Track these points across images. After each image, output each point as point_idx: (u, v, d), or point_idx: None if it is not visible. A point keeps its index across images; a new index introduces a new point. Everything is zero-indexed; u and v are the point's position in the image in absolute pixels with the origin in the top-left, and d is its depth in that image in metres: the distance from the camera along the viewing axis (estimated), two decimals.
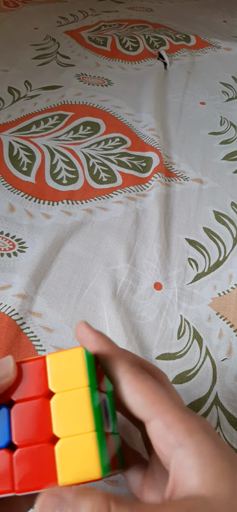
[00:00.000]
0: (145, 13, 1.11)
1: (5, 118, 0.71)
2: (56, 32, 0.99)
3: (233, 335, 0.45)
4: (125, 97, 0.79)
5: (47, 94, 0.77)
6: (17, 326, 0.43)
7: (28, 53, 0.90)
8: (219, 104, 0.79)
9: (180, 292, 0.48)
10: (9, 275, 0.48)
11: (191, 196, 0.60)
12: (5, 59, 0.87)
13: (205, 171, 0.64)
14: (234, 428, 0.39)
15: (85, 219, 0.55)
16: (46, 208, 0.56)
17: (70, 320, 0.45)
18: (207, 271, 0.51)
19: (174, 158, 0.67)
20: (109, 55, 0.92)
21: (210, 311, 0.47)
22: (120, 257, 0.51)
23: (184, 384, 0.41)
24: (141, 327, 0.45)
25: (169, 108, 0.78)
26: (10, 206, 0.56)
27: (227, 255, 0.52)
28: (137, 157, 0.66)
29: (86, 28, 1.01)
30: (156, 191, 0.59)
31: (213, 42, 0.98)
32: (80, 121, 0.71)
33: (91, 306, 0.46)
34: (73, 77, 0.83)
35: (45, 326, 0.44)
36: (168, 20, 1.08)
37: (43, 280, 0.48)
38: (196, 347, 0.44)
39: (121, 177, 0.62)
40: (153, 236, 0.53)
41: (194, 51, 0.95)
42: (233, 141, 0.71)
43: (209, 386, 0.41)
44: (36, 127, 0.69)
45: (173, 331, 0.45)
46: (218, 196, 0.60)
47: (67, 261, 0.50)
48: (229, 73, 0.89)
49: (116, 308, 0.45)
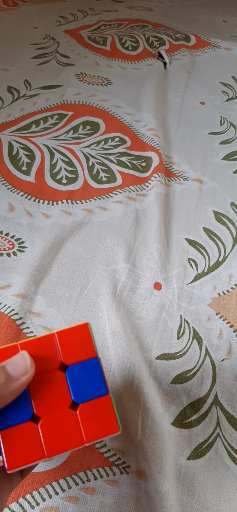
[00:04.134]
0: (144, 13, 1.11)
1: (5, 117, 0.71)
2: (56, 31, 0.98)
3: (233, 335, 0.45)
4: (125, 96, 0.79)
5: (47, 93, 0.77)
6: (17, 326, 0.43)
7: (27, 52, 0.90)
8: (219, 104, 0.79)
9: (180, 292, 0.48)
10: (8, 275, 0.48)
11: (190, 196, 0.60)
12: (5, 58, 0.87)
13: (204, 171, 0.64)
14: (234, 428, 0.39)
15: (85, 219, 0.55)
16: (46, 207, 0.56)
17: (70, 319, 0.45)
18: (207, 271, 0.51)
19: (173, 158, 0.67)
20: (109, 54, 0.91)
21: (209, 311, 0.47)
22: (120, 257, 0.51)
23: (184, 384, 0.41)
24: (141, 327, 0.45)
25: (169, 108, 0.78)
26: (9, 206, 0.56)
27: (227, 255, 0.52)
28: (137, 156, 0.66)
29: (86, 28, 1.01)
30: (155, 191, 0.58)
31: (213, 42, 0.98)
32: (80, 121, 0.71)
33: (91, 306, 0.46)
34: (73, 77, 0.82)
35: (45, 325, 0.44)
36: (167, 19, 1.08)
37: (42, 280, 0.48)
38: (196, 347, 0.44)
39: (121, 177, 0.62)
40: (153, 236, 0.53)
41: (194, 50, 0.95)
42: (233, 141, 0.71)
43: (209, 386, 0.41)
44: (35, 126, 0.69)
45: (173, 331, 0.45)
46: (218, 196, 0.60)
47: (67, 261, 0.50)
48: (229, 73, 0.89)
49: (116, 308, 0.45)
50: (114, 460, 0.36)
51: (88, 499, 0.34)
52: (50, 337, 0.28)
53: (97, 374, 0.27)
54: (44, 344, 0.27)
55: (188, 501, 0.35)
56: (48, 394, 0.26)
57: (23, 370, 0.25)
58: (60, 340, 0.28)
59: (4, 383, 0.24)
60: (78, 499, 0.34)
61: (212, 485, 0.36)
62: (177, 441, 0.38)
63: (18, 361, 0.25)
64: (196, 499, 0.35)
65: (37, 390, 0.26)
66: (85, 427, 0.26)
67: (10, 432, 0.25)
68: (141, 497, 0.35)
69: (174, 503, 0.34)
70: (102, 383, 0.27)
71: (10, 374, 0.25)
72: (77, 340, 0.28)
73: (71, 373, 0.27)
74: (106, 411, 0.26)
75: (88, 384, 0.27)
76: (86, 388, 0.27)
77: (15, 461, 0.24)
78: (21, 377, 0.25)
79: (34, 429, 0.25)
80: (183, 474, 0.36)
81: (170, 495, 0.34)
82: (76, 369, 0.27)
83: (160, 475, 0.34)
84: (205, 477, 0.36)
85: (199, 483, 0.36)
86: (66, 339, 0.28)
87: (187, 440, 0.38)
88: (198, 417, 0.39)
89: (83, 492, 0.35)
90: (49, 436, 0.25)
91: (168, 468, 0.35)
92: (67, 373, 0.27)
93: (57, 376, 0.27)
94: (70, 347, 0.28)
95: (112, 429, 0.26)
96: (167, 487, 0.34)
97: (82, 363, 0.27)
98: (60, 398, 0.26)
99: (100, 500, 0.34)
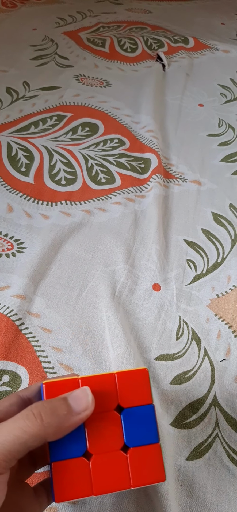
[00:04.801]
0: (143, 15, 1.12)
1: (4, 118, 0.71)
2: (55, 33, 0.99)
3: (231, 336, 0.45)
4: (124, 98, 0.79)
5: (46, 94, 0.77)
6: (16, 326, 0.43)
7: (26, 54, 0.90)
8: (217, 106, 0.80)
9: (179, 293, 0.48)
10: (7, 276, 0.48)
11: (189, 197, 0.60)
12: (4, 59, 0.87)
13: (203, 173, 0.65)
14: (233, 429, 0.39)
15: (84, 220, 0.55)
16: (44, 208, 0.56)
17: (69, 320, 0.45)
18: (206, 272, 0.51)
19: (172, 159, 0.67)
20: (108, 56, 0.92)
21: (208, 312, 0.47)
22: (119, 258, 0.51)
23: (183, 384, 0.41)
24: (140, 328, 0.45)
25: (168, 109, 0.78)
26: (8, 207, 0.56)
27: (225, 257, 0.53)
28: (136, 158, 0.66)
29: (85, 29, 1.01)
30: (154, 192, 0.59)
31: (211, 44, 0.98)
32: (79, 122, 0.71)
33: (90, 307, 0.46)
34: (71, 78, 0.83)
35: (44, 326, 0.44)
36: (166, 22, 1.09)
37: (42, 281, 0.48)
38: (195, 348, 0.44)
39: (120, 178, 0.62)
40: (152, 237, 0.53)
41: (192, 53, 0.96)
42: (231, 143, 0.71)
43: (208, 387, 0.41)
44: (34, 127, 0.69)
45: (172, 332, 0.45)
46: (217, 197, 0.61)
47: (66, 262, 0.50)
48: (227, 75, 0.89)
49: (115, 309, 0.45)
50: None
51: (88, 499, 0.34)
52: (110, 377, 0.29)
53: (150, 421, 0.28)
54: (104, 382, 0.28)
55: (187, 501, 0.35)
56: (102, 433, 0.27)
57: (84, 406, 0.26)
58: (119, 381, 0.29)
59: (65, 415, 0.25)
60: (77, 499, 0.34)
61: (211, 485, 0.36)
62: (176, 441, 0.38)
63: (80, 396, 0.26)
64: (195, 499, 0.35)
65: (92, 427, 0.27)
66: (133, 472, 0.27)
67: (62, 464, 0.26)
68: (140, 498, 0.35)
69: (173, 503, 0.34)
70: (154, 431, 0.28)
71: (72, 408, 0.25)
72: (135, 384, 0.29)
73: (126, 416, 0.28)
74: (154, 459, 0.27)
75: (141, 429, 0.28)
76: (139, 434, 0.28)
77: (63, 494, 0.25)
78: (81, 413, 0.25)
79: (86, 465, 0.26)
80: (182, 474, 0.36)
81: (169, 495, 0.34)
82: (131, 413, 0.28)
83: None
84: (204, 477, 0.36)
85: (198, 483, 0.36)
86: (125, 381, 0.29)
87: (186, 440, 0.38)
88: (197, 418, 0.39)
89: None
90: (99, 475, 0.26)
91: (167, 468, 0.35)
92: (123, 416, 0.28)
93: (112, 417, 0.28)
94: (128, 390, 0.29)
95: (158, 477, 0.27)
96: (166, 487, 0.34)
97: (138, 408, 0.28)
98: (113, 439, 0.27)
99: (99, 501, 0.34)
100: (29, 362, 0.41)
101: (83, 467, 0.26)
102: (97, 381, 0.28)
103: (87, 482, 0.26)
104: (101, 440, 0.27)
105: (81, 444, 0.26)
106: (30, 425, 0.23)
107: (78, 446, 0.26)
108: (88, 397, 0.26)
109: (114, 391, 0.28)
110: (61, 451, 0.26)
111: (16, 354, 0.42)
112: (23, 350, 0.42)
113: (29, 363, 0.41)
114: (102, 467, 0.26)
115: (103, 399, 0.28)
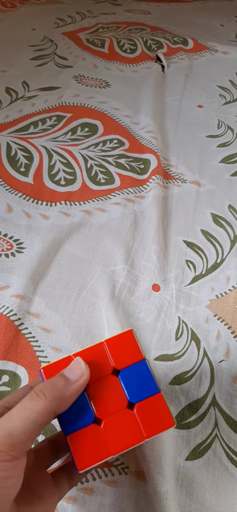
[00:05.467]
0: (142, 16, 1.12)
1: (3, 118, 0.71)
2: (54, 33, 0.99)
3: (230, 337, 0.45)
4: (123, 99, 0.79)
5: (45, 95, 0.77)
6: (15, 326, 0.43)
7: (26, 54, 0.90)
8: (216, 107, 0.80)
9: (178, 294, 0.48)
10: (7, 276, 0.48)
11: (188, 198, 0.61)
12: (3, 59, 0.87)
13: (202, 174, 0.65)
14: (232, 429, 0.39)
15: (83, 220, 0.55)
16: (44, 209, 0.56)
17: (68, 321, 0.45)
18: (205, 273, 0.51)
19: (172, 160, 0.67)
20: (107, 57, 0.92)
21: (207, 312, 0.47)
22: (118, 259, 0.51)
23: (182, 385, 0.41)
24: (139, 329, 0.45)
25: (167, 110, 0.78)
26: (8, 207, 0.56)
27: (224, 257, 0.53)
28: (135, 159, 0.66)
29: (84, 30, 1.01)
30: (154, 193, 0.59)
31: (210, 46, 0.98)
32: (78, 123, 0.71)
33: (90, 307, 0.46)
34: (71, 79, 0.83)
35: (43, 326, 0.44)
36: (165, 23, 1.09)
37: (41, 281, 0.48)
38: (194, 349, 0.44)
39: (119, 179, 0.62)
40: (151, 238, 0.53)
41: (192, 54, 0.96)
42: (230, 144, 0.71)
43: (207, 387, 0.41)
44: (34, 127, 0.69)
45: (171, 333, 0.45)
46: (216, 198, 0.61)
47: (65, 262, 0.50)
48: (227, 76, 0.90)
49: (114, 309, 0.45)
50: (113, 460, 0.36)
51: (87, 499, 0.34)
52: (100, 346, 0.31)
53: (147, 375, 0.30)
54: (95, 352, 0.30)
55: (186, 501, 0.35)
56: (105, 398, 0.29)
57: (80, 373, 0.28)
58: (109, 347, 0.31)
59: (64, 386, 0.27)
60: (77, 499, 0.34)
61: (210, 485, 0.36)
62: (175, 441, 0.38)
63: (74, 366, 0.28)
64: (195, 499, 0.35)
65: (95, 395, 0.29)
66: (144, 424, 0.28)
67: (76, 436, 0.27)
68: (139, 498, 0.35)
69: (173, 503, 0.34)
70: (153, 382, 0.30)
71: (69, 378, 0.27)
72: (124, 346, 0.31)
73: (124, 376, 0.30)
74: (160, 408, 0.29)
75: (140, 384, 0.29)
76: (139, 389, 0.29)
77: (84, 462, 0.27)
78: (78, 379, 0.28)
79: (98, 430, 0.28)
80: (182, 474, 0.36)
81: (168, 496, 0.34)
82: (128, 372, 0.30)
83: (159, 475, 0.34)
84: (203, 477, 0.36)
85: (198, 483, 0.36)
86: (115, 346, 0.31)
87: (185, 441, 0.38)
88: (196, 418, 0.39)
89: (82, 492, 0.35)
90: (112, 436, 0.28)
91: (166, 468, 0.35)
92: (121, 377, 0.30)
93: (111, 381, 0.30)
94: (120, 353, 0.31)
95: (168, 423, 0.28)
96: (165, 487, 0.34)
97: (133, 366, 0.30)
98: (117, 400, 0.29)
99: (99, 501, 0.34)
100: (29, 362, 0.41)
101: (96, 433, 0.28)
102: (89, 353, 0.30)
103: (103, 445, 0.27)
104: (106, 404, 0.28)
105: (89, 413, 0.28)
106: (36, 403, 0.25)
107: (87, 415, 0.28)
108: (81, 364, 0.28)
109: (106, 357, 0.30)
110: (73, 424, 0.28)
111: (15, 354, 0.42)
112: (22, 350, 0.42)
113: (28, 363, 0.41)
114: (113, 428, 0.28)
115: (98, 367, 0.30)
